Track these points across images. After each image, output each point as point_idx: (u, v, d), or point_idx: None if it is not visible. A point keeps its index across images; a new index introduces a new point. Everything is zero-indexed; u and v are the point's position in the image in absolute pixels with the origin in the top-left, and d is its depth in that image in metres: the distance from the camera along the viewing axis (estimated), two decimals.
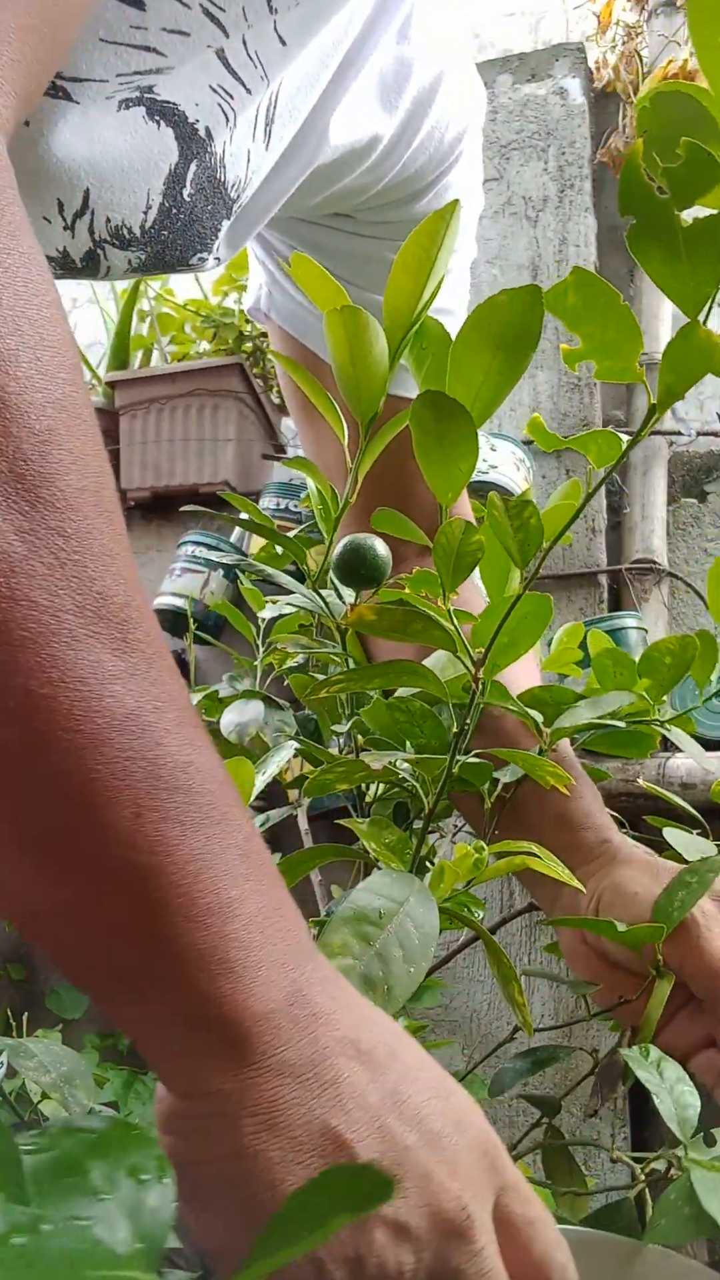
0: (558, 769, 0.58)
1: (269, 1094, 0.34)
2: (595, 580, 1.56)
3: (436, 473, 0.42)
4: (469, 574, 0.45)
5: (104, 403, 2.02)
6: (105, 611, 0.32)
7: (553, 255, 1.70)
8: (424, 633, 0.45)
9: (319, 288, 0.43)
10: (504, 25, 2.00)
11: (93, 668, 0.31)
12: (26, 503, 0.30)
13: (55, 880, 0.33)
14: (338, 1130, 0.34)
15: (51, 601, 0.30)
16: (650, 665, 0.77)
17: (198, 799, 0.33)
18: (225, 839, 0.34)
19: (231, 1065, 0.34)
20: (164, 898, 0.33)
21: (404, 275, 0.40)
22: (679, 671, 0.77)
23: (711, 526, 1.63)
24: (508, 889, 1.43)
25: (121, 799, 0.31)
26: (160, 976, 0.33)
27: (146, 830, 0.32)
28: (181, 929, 0.33)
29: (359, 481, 0.46)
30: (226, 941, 0.34)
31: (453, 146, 0.70)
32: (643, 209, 0.35)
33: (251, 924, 0.34)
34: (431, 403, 0.39)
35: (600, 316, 0.37)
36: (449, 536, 0.41)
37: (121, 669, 0.32)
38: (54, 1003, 1.73)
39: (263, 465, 2.00)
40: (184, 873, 0.33)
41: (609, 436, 0.41)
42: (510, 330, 0.38)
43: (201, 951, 0.33)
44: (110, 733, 0.31)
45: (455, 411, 0.38)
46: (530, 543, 0.41)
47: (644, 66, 1.76)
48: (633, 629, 1.45)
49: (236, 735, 0.94)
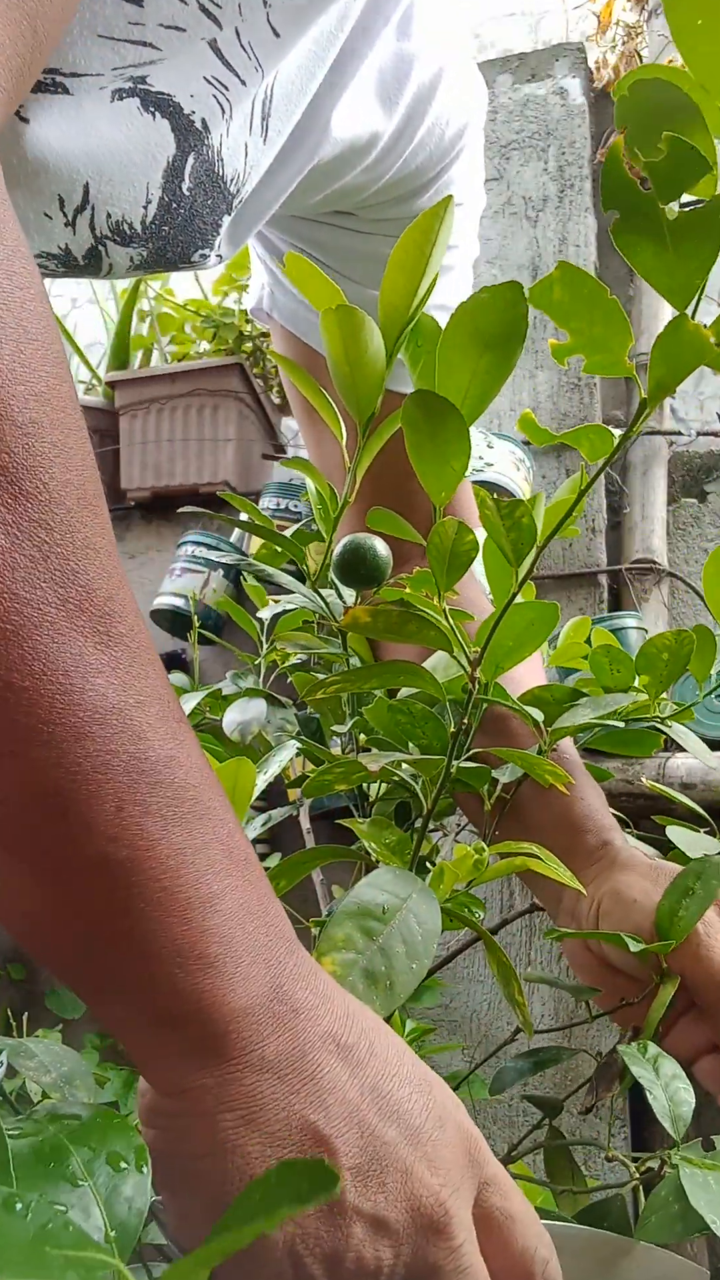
0: (556, 768, 0.58)
1: (248, 1089, 0.34)
2: (595, 580, 1.56)
3: (430, 471, 0.41)
4: (464, 573, 0.45)
5: (104, 403, 2.02)
6: (88, 605, 0.32)
7: (553, 255, 1.70)
8: (419, 634, 0.45)
9: (314, 287, 0.43)
10: (504, 25, 2.00)
11: (75, 661, 0.31)
12: (9, 495, 0.30)
13: (35, 877, 0.33)
14: (316, 1125, 0.34)
15: (34, 594, 0.30)
16: (647, 661, 0.77)
17: (180, 793, 0.33)
18: (207, 834, 0.34)
19: (211, 1061, 0.34)
20: (143, 892, 0.32)
21: (399, 272, 0.40)
22: (677, 667, 0.76)
23: (711, 526, 1.63)
24: (508, 889, 1.43)
25: (103, 793, 0.31)
26: (140, 973, 0.33)
27: (127, 824, 0.32)
28: (161, 924, 0.33)
29: (358, 480, 0.46)
30: (207, 937, 0.34)
31: (453, 143, 0.70)
32: (627, 203, 0.35)
33: (232, 919, 0.34)
34: (422, 402, 0.38)
35: (587, 311, 0.37)
36: (442, 536, 0.41)
37: (104, 662, 0.32)
38: (54, 1003, 1.73)
39: (263, 465, 2.00)
40: (164, 867, 0.33)
41: (601, 431, 0.41)
42: (495, 328, 0.38)
43: (180, 947, 0.33)
44: (92, 726, 0.31)
45: (445, 410, 0.38)
46: (524, 542, 0.41)
47: None
48: (633, 629, 1.45)
49: (239, 733, 0.94)
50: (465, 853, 0.67)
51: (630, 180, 0.34)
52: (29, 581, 0.30)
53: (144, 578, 1.96)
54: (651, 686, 0.77)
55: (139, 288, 2.01)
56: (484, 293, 0.38)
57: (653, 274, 0.36)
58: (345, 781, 0.62)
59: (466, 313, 0.38)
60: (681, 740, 0.78)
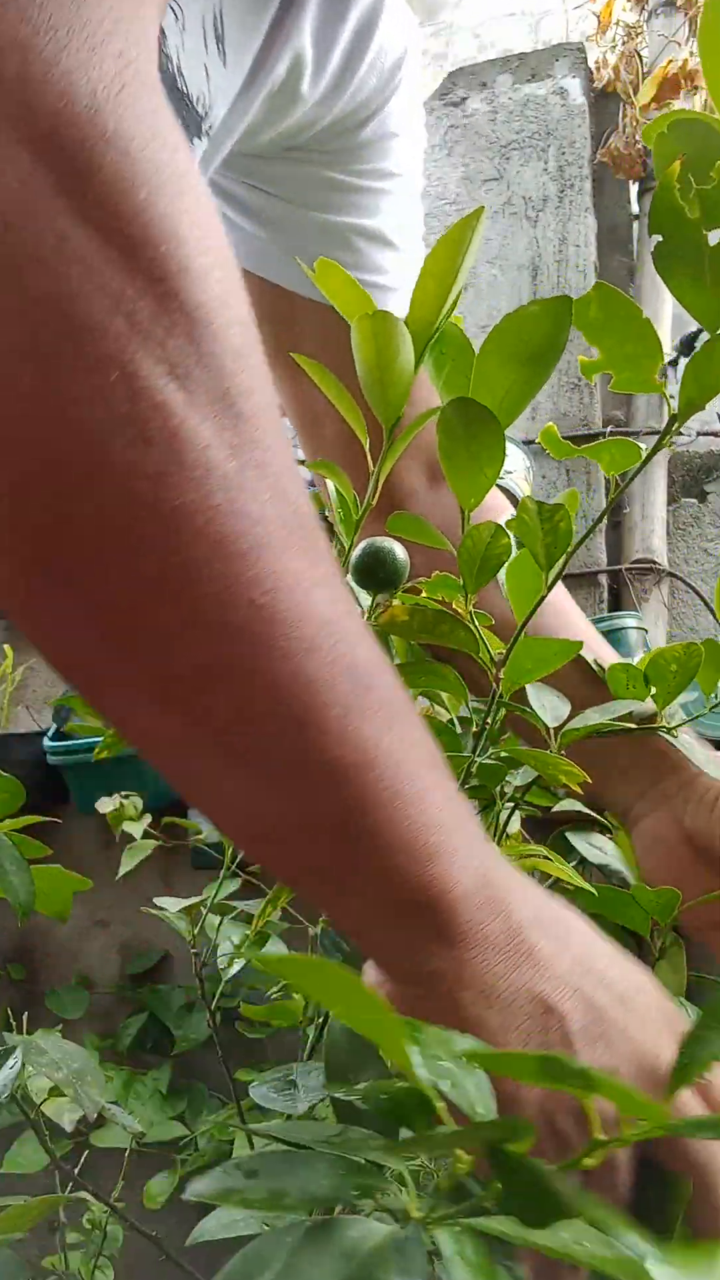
0: (572, 768, 0.59)
1: (480, 969, 0.37)
2: (595, 580, 1.57)
3: (461, 478, 0.42)
4: (493, 576, 0.45)
5: None
6: (298, 522, 0.33)
7: (553, 255, 1.71)
8: (451, 634, 0.46)
9: (345, 295, 0.43)
10: (504, 25, 2.00)
11: (298, 576, 0.32)
12: (232, 417, 0.31)
13: (272, 789, 0.34)
14: (543, 995, 0.37)
15: (262, 512, 0.31)
16: (657, 672, 0.78)
17: (387, 695, 0.35)
18: (411, 734, 0.36)
19: (443, 946, 0.37)
20: (372, 792, 0.34)
21: (430, 281, 0.41)
22: (685, 679, 0.78)
23: (711, 526, 1.63)
24: None
25: (333, 700, 0.33)
26: (372, 869, 0.35)
27: (353, 728, 0.34)
28: (390, 821, 0.35)
29: (379, 484, 0.47)
30: (428, 829, 0.35)
31: (393, 72, 0.70)
32: (673, 229, 0.36)
33: (444, 811, 0.36)
34: (461, 409, 0.39)
35: (621, 329, 0.38)
36: (475, 540, 0.42)
37: (319, 576, 0.33)
38: (54, 1003, 1.73)
39: None
40: (387, 766, 0.34)
41: (624, 445, 0.42)
42: (540, 341, 0.39)
43: (407, 841, 0.35)
44: (320, 638, 0.33)
45: (484, 418, 0.38)
46: (558, 546, 0.41)
47: (644, 66, 1.76)
48: (633, 629, 1.45)
49: None
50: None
51: (679, 206, 0.35)
52: (257, 501, 0.31)
53: None
54: (660, 698, 0.78)
55: None
56: (533, 306, 0.39)
57: (687, 296, 0.37)
58: None
59: (512, 324, 0.39)
60: (687, 751, 0.79)
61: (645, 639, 1.45)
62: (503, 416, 0.40)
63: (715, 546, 1.62)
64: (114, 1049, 1.68)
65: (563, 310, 0.38)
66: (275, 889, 0.65)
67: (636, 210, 1.84)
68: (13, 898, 0.80)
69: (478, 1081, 0.30)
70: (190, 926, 0.88)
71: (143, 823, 1.49)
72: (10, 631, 2.02)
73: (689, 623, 1.59)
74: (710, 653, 0.78)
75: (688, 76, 1.71)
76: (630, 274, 1.81)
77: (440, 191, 1.79)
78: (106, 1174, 1.44)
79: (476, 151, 1.79)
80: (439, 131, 1.82)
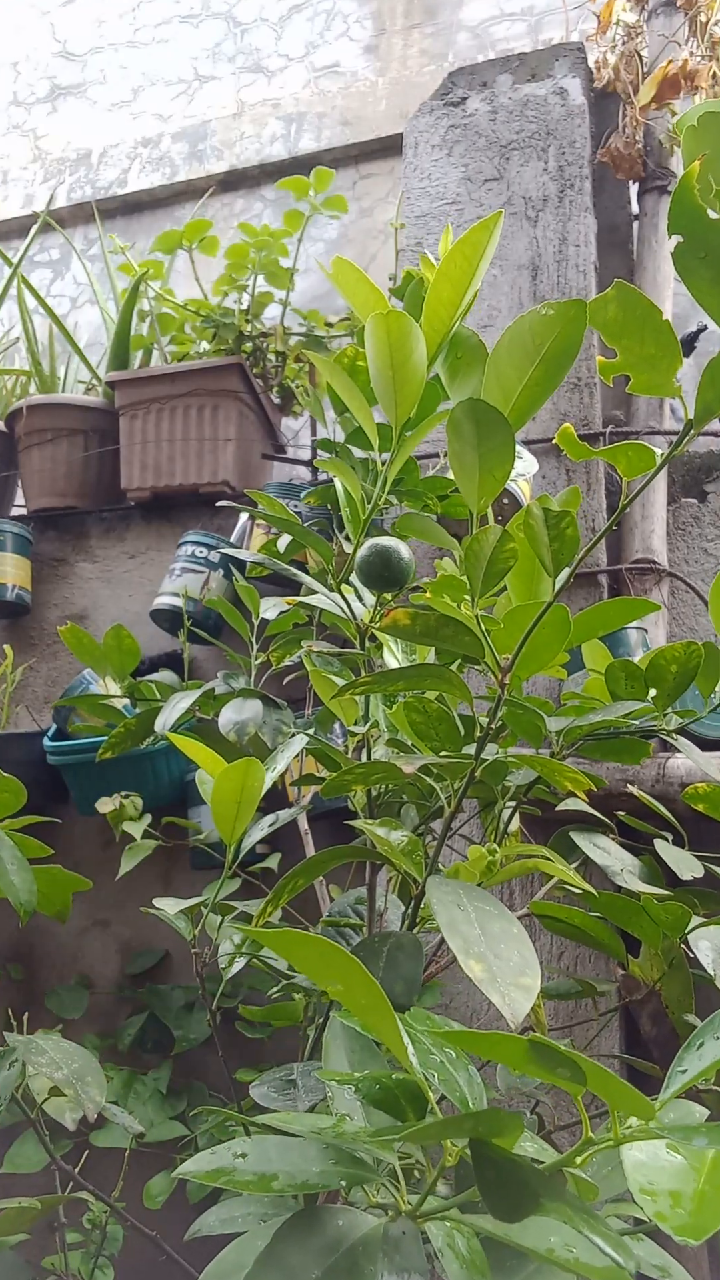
0: (576, 774, 0.59)
1: None
2: (595, 580, 1.57)
3: (469, 479, 0.42)
4: (500, 580, 0.45)
5: (104, 403, 2.02)
6: None
7: (553, 255, 1.71)
8: (454, 638, 0.45)
9: (361, 292, 0.43)
10: (504, 25, 2.00)
11: None
12: None
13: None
14: None
15: None
16: (657, 674, 0.78)
17: None
18: None
19: None
20: None
21: (446, 284, 0.40)
22: (685, 680, 0.78)
23: (711, 526, 1.63)
24: (508, 890, 1.44)
25: None
26: None
27: None
28: None
29: (389, 482, 0.46)
30: None
31: None
32: (693, 228, 0.35)
33: None
34: (471, 411, 0.39)
35: (639, 330, 0.38)
36: (481, 543, 0.42)
37: None
38: (54, 1003, 1.73)
39: (262, 465, 2.00)
40: None
41: (640, 449, 0.41)
42: (555, 343, 0.39)
43: None
44: None
45: (495, 420, 0.38)
46: (564, 553, 0.41)
47: (644, 66, 1.76)
48: (632, 629, 1.45)
49: (235, 733, 0.94)
50: (480, 854, 0.68)
51: (699, 207, 0.35)
52: None
53: (144, 578, 1.95)
54: (659, 699, 0.78)
55: (139, 288, 2.01)
56: (548, 308, 0.38)
57: (706, 297, 0.37)
58: (364, 783, 0.62)
59: (526, 326, 0.38)
60: (686, 752, 0.79)
61: (645, 639, 1.45)
62: (514, 419, 0.40)
63: (715, 546, 1.62)
64: (114, 1049, 1.68)
65: (578, 313, 0.38)
66: (275, 888, 0.65)
67: (636, 210, 1.84)
68: (14, 898, 0.80)
69: (468, 1076, 0.30)
70: (190, 926, 0.88)
71: (143, 823, 1.49)
72: (10, 631, 2.02)
73: (688, 623, 1.59)
74: (710, 655, 0.78)
75: (688, 76, 1.71)
76: (629, 275, 1.81)
77: (440, 191, 1.79)
78: (106, 1174, 1.44)
79: (476, 151, 1.79)
80: (439, 131, 1.81)
